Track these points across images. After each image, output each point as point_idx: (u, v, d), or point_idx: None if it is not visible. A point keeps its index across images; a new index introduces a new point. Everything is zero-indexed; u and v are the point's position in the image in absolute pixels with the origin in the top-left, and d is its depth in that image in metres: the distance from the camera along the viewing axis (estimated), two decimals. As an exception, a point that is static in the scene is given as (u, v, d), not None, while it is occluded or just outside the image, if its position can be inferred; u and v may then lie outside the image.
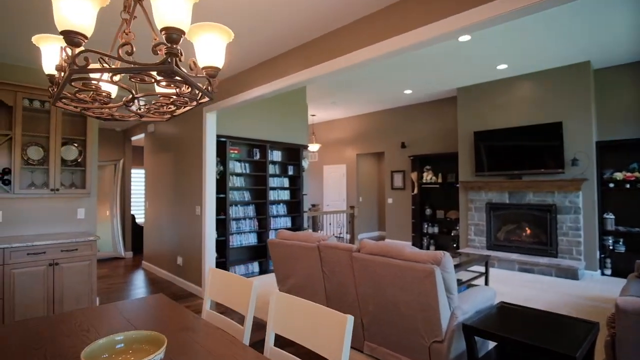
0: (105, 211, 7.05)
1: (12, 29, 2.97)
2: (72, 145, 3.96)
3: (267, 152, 5.99)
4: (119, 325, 1.79)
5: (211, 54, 1.35)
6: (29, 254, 3.31)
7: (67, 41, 1.03)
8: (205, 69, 1.35)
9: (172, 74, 1.10)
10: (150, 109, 1.50)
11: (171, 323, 1.83)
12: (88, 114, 1.51)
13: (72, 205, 4.09)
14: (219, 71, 1.37)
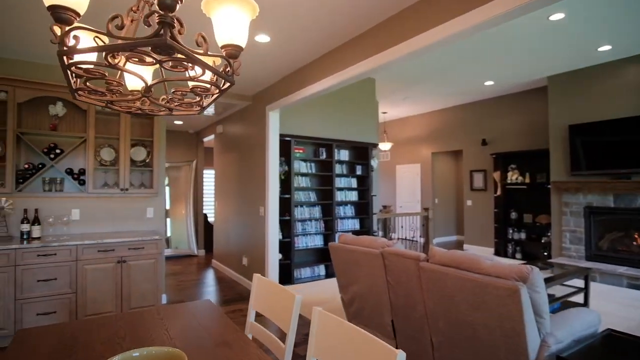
0: (182, 210, 7.49)
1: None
2: (142, 146, 4.16)
3: (333, 151, 5.77)
4: (156, 335, 1.68)
5: (231, 30, 1.13)
6: (99, 251, 3.52)
7: (54, 18, 0.88)
8: (225, 48, 1.13)
9: (168, 48, 0.90)
10: (173, 99, 1.34)
11: (209, 335, 1.67)
12: (115, 107, 1.41)
13: (141, 204, 4.30)
14: (240, 51, 1.14)
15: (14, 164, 3.42)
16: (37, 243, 3.30)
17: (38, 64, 3.76)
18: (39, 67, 3.76)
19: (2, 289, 3.11)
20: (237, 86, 4.66)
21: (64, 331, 1.72)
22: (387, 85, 6.47)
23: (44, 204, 3.76)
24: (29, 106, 3.66)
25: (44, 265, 3.27)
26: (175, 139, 7.53)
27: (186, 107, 1.44)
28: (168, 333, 1.70)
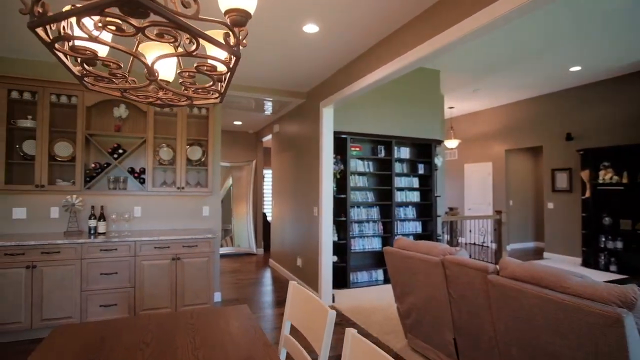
0: (243, 209, 7.64)
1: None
2: (198, 145, 4.22)
3: (393, 149, 5.40)
4: (181, 342, 1.55)
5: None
6: (155, 248, 3.60)
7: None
8: (229, 14, 0.93)
9: (137, 6, 0.72)
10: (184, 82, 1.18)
11: (235, 347, 1.50)
12: (132, 97, 1.29)
13: (197, 202, 4.37)
14: (248, 18, 0.94)
15: (83, 164, 3.65)
16: (102, 238, 3.47)
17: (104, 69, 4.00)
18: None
19: (70, 280, 3.31)
20: (291, 83, 4.55)
21: (95, 331, 1.67)
22: (453, 77, 5.91)
23: (109, 202, 3.97)
24: (96, 109, 3.90)
25: (106, 260, 3.42)
26: (236, 139, 7.72)
27: (203, 93, 1.28)
28: (194, 342, 1.56)
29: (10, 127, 3.46)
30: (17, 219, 3.67)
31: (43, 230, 3.75)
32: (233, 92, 4.57)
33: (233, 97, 4.83)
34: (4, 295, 3.13)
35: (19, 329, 3.18)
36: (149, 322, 1.78)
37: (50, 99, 3.55)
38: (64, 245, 3.30)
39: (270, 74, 4.18)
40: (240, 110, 5.73)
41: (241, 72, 4.12)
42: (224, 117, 6.28)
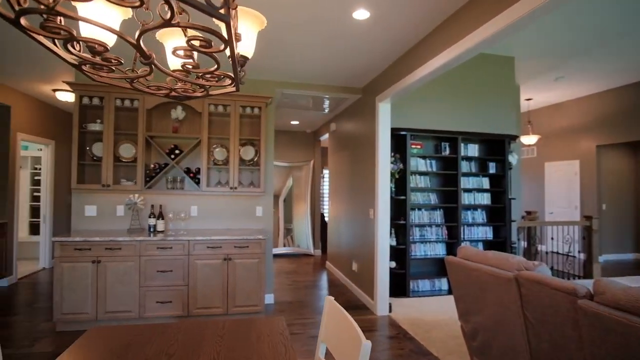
0: (302, 209, 7.58)
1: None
2: (251, 145, 4.18)
3: (459, 146, 4.90)
4: (204, 356, 1.41)
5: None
6: (208, 247, 3.60)
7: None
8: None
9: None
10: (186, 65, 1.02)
11: (258, 370, 1.32)
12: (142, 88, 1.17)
13: (251, 202, 4.33)
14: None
15: (144, 164, 3.80)
16: (160, 236, 3.57)
17: (165, 73, 4.13)
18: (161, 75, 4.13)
19: (130, 275, 3.45)
20: (346, 78, 4.32)
21: (126, 336, 1.61)
22: (531, 64, 5.20)
23: (167, 201, 4.10)
24: (155, 111, 4.05)
25: (162, 258, 3.51)
26: (295, 139, 7.69)
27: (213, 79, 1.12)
28: (218, 356, 1.41)
29: (81, 131, 3.72)
30: (88, 216, 3.94)
31: (110, 227, 3.98)
32: (287, 91, 4.48)
33: (287, 95, 4.74)
34: (74, 287, 3.35)
35: (86, 319, 3.38)
36: (178, 330, 1.67)
37: (115, 103, 3.75)
38: (124, 243, 3.44)
39: (323, 70, 3.99)
40: (296, 109, 5.65)
41: (293, 70, 4.00)
42: (280, 117, 6.26)
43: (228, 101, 3.95)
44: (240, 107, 4.01)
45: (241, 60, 1.11)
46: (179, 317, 3.56)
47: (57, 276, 3.33)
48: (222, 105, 3.98)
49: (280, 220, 7.64)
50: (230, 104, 3.96)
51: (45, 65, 4.01)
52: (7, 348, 3.03)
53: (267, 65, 3.90)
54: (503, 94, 5.19)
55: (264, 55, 3.59)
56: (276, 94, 4.55)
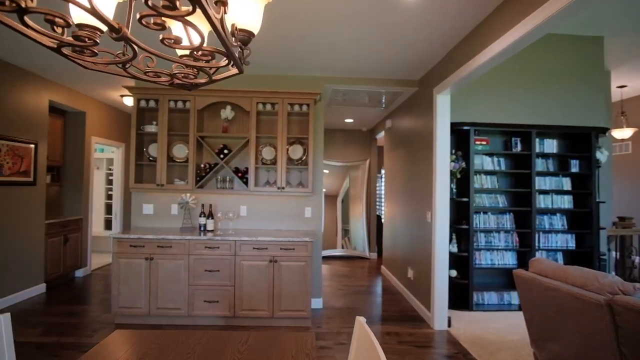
0: (358, 209, 7.33)
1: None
2: (299, 144, 4.04)
3: (533, 141, 4.30)
4: (215, 378, 1.26)
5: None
6: (254, 248, 3.53)
7: None
8: None
9: None
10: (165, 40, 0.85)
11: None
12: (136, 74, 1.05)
13: (299, 203, 4.19)
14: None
15: (195, 164, 3.85)
16: (209, 235, 3.58)
17: (216, 74, 4.16)
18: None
19: (180, 273, 3.50)
20: (400, 70, 4.00)
21: (146, 342, 1.54)
22: (626, 44, 4.38)
23: (217, 200, 4.13)
24: (206, 112, 4.09)
25: (210, 257, 3.51)
26: (350, 138, 7.46)
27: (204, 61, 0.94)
28: (232, 380, 1.25)
29: (139, 133, 3.87)
30: (146, 214, 4.11)
31: (165, 225, 4.11)
32: (337, 86, 4.27)
33: (338, 92, 4.54)
34: (130, 282, 3.48)
35: (140, 314, 3.50)
36: (199, 342, 1.55)
37: (169, 105, 3.85)
38: (174, 241, 3.50)
39: (374, 63, 3.72)
40: (349, 106, 5.41)
41: (343, 64, 3.78)
42: (333, 115, 6.07)
43: (275, 98, 3.86)
44: (288, 105, 3.89)
45: (241, 35, 0.92)
46: (225, 318, 3.54)
47: (114, 271, 3.49)
48: (270, 104, 3.90)
49: (338, 220, 7.48)
50: (278, 101, 3.86)
51: (110, 72, 4.25)
52: (70, 336, 3.23)
53: (315, 61, 3.73)
54: (589, 80, 4.45)
55: (311, 50, 3.42)
56: (325, 90, 4.36)
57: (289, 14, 2.73)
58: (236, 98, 3.85)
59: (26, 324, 3.48)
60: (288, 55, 3.61)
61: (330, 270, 6.06)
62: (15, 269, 4.09)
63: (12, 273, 4.05)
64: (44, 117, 4.47)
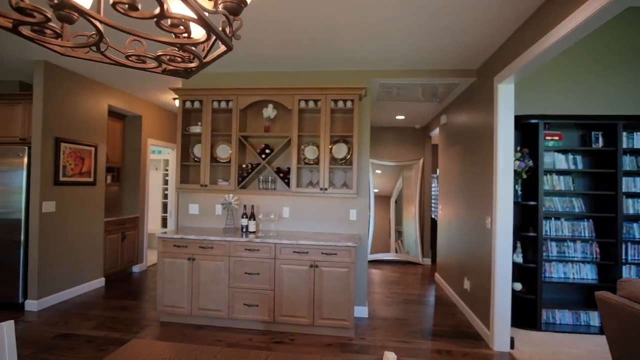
0: (411, 211, 6.92)
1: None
2: (343, 142, 3.82)
3: (619, 135, 3.65)
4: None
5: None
6: (294, 252, 3.37)
7: None
8: None
9: None
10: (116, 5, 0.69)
11: None
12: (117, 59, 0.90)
13: (344, 205, 3.96)
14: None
15: (237, 164, 3.80)
16: (251, 237, 3.51)
17: (255, 73, 4.09)
18: (253, 76, 4.09)
19: (220, 275, 3.46)
20: (456, 59, 3.61)
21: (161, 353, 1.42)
22: None
23: (259, 201, 4.05)
24: (249, 111, 4.03)
25: (249, 259, 3.43)
26: (403, 136, 7.06)
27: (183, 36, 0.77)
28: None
29: (184, 134, 3.92)
30: (192, 214, 4.15)
31: (210, 225, 4.12)
32: (385, 80, 3.98)
33: (386, 86, 4.24)
34: (173, 281, 3.51)
35: (182, 313, 3.52)
36: (214, 356, 1.40)
37: (212, 105, 3.84)
38: (215, 242, 3.47)
39: (425, 53, 3.38)
40: (400, 102, 5.07)
41: (391, 56, 3.49)
42: (383, 111, 5.75)
43: (318, 95, 3.68)
44: (331, 102, 3.69)
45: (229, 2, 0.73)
46: (265, 323, 3.43)
47: (159, 270, 3.55)
48: (312, 101, 3.73)
49: (391, 222, 7.14)
50: (320, 98, 3.68)
51: (166, 77, 4.37)
52: (118, 331, 3.33)
53: (360, 54, 3.48)
54: (695, 60, 3.68)
55: (355, 42, 3.18)
56: (372, 85, 4.09)
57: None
58: (278, 96, 3.74)
59: (82, 316, 3.67)
60: (330, 48, 3.40)
61: (379, 276, 5.75)
62: (79, 263, 4.37)
63: (76, 267, 4.33)
64: (103, 121, 4.73)
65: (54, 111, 4.00)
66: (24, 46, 3.48)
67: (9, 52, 3.64)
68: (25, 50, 3.58)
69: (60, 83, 4.06)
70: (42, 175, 3.87)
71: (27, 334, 3.24)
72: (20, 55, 3.74)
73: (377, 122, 6.61)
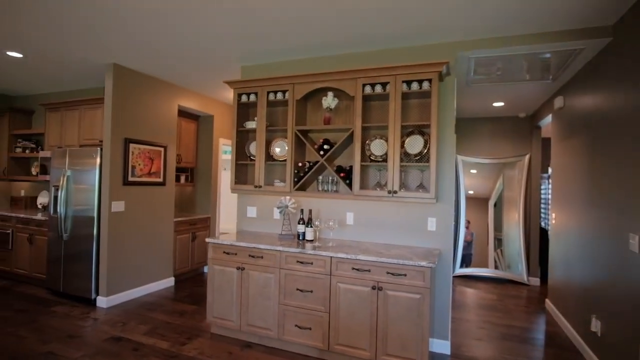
0: (514, 218, 5.70)
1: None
2: (419, 134, 3.06)
3: None
4: None
5: None
6: (353, 269, 2.75)
7: None
8: None
9: None
10: None
11: None
12: None
13: (419, 212, 3.20)
14: None
15: (293, 163, 3.34)
16: (309, 246, 3.04)
17: (312, 59, 3.58)
18: (310, 62, 3.57)
19: (270, 289, 3.03)
20: (578, 11, 2.60)
21: None
22: None
23: (318, 205, 3.54)
24: (306, 102, 3.54)
25: (302, 274, 2.93)
26: (503, 128, 5.86)
27: None
28: None
29: (239, 130, 3.61)
30: (250, 217, 3.84)
31: (267, 230, 3.76)
32: (475, 53, 3.13)
33: (480, 61, 3.35)
34: (223, 291, 3.21)
35: (231, 327, 3.18)
36: None
37: (268, 97, 3.45)
38: (265, 251, 3.06)
39: (531, 10, 2.47)
40: (499, 83, 4.06)
41: (483, 19, 2.65)
42: (476, 97, 4.74)
43: (386, 76, 3.00)
44: (402, 84, 2.98)
45: None
46: (318, 350, 2.90)
47: (210, 277, 3.28)
48: (379, 84, 3.07)
49: (489, 227, 6.02)
50: (389, 79, 2.99)
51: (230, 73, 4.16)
52: (166, 340, 3.13)
53: (440, 20, 2.72)
54: None
55: (438, 8, 2.45)
56: (458, 60, 3.25)
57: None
58: (338, 81, 3.17)
59: (140, 319, 3.60)
60: (402, 16, 2.71)
61: (471, 297, 4.77)
62: (148, 263, 4.41)
63: (145, 266, 4.38)
64: (173, 121, 4.74)
65: (123, 112, 4.06)
66: (94, 49, 3.53)
67: (81, 57, 3.76)
68: (96, 53, 3.65)
69: (129, 84, 4.12)
70: (112, 176, 3.94)
71: (87, 333, 3.25)
72: (93, 60, 3.86)
73: (469, 111, 5.58)
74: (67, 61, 3.92)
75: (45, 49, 3.58)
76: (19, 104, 5.75)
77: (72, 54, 3.68)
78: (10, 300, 4.07)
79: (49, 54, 3.72)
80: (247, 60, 3.79)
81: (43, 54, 3.73)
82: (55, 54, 3.69)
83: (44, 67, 4.15)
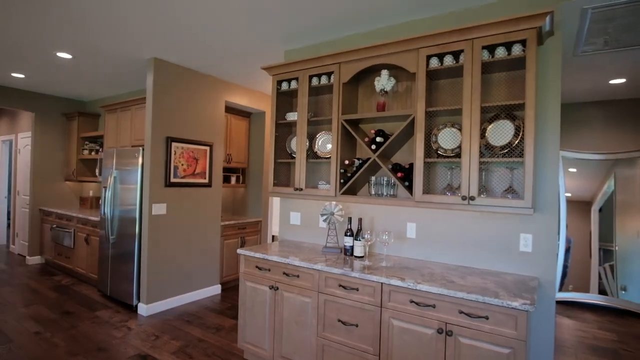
0: (633, 227, 4.39)
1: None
2: (508, 118, 2.22)
3: None
4: None
5: None
6: (412, 302, 2.04)
7: None
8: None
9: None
10: None
11: None
12: None
13: (508, 225, 2.35)
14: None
15: (338, 161, 2.72)
16: (358, 263, 2.42)
17: (362, 34, 2.91)
18: (360, 38, 2.90)
19: (307, 316, 2.45)
20: None
21: None
22: None
23: (370, 213, 2.87)
24: (355, 86, 2.89)
25: (345, 302, 2.30)
26: (621, 114, 4.53)
27: None
28: None
29: (279, 123, 3.09)
30: (293, 224, 3.31)
31: (312, 241, 3.19)
32: (595, 1, 2.20)
33: (599, 16, 2.40)
34: (255, 313, 2.72)
35: (264, 356, 2.67)
36: None
37: (310, 82, 2.89)
38: (302, 269, 2.49)
39: None
40: (620, 49, 2.98)
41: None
42: (585, 73, 3.63)
43: (459, 42, 2.23)
44: (483, 51, 2.18)
45: None
46: (365, 402, 2.24)
47: (241, 295, 2.81)
48: (450, 55, 2.30)
49: (592, 236, 4.77)
50: (464, 46, 2.21)
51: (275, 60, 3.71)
52: (193, 367, 2.74)
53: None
54: None
55: None
56: (564, 12, 2.35)
57: None
58: (395, 55, 2.47)
59: (174, 333, 3.29)
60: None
61: (573, 334, 3.68)
62: (191, 270, 4.14)
63: (189, 273, 4.11)
64: (220, 118, 4.43)
65: (165, 109, 3.82)
66: (136, 43, 3.31)
67: (126, 51, 3.57)
68: (138, 47, 3.44)
69: (170, 79, 3.87)
70: (153, 177, 3.71)
71: (116, 346, 3.00)
72: (135, 55, 3.67)
73: (572, 93, 4.40)
74: (113, 57, 3.78)
75: (91, 47, 3.46)
76: (88, 108, 6.00)
77: (118, 49, 3.51)
78: (65, 300, 4.09)
79: (96, 52, 3.61)
80: (290, 43, 3.27)
81: (90, 53, 3.63)
82: (101, 51, 3.56)
83: (94, 67, 4.10)
